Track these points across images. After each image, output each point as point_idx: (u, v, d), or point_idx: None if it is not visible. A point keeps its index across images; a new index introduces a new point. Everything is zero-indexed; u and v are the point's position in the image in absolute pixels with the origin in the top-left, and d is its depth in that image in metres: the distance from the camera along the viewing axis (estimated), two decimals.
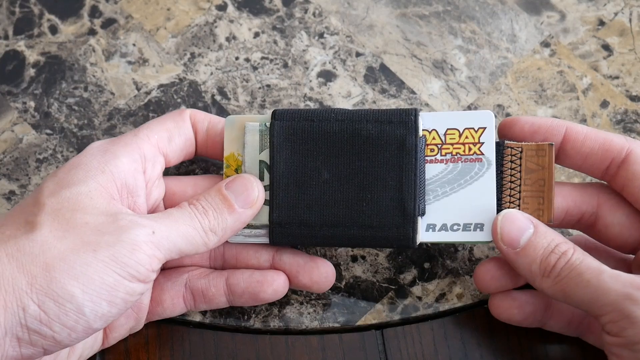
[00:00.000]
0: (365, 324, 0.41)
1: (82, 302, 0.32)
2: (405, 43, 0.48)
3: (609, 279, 0.34)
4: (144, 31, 0.49)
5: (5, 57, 0.48)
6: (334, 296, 0.41)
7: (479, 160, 0.38)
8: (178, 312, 0.40)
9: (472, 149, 0.38)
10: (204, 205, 0.36)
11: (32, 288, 0.31)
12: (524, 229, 0.36)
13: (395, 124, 0.38)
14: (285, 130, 0.38)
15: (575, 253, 0.35)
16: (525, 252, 0.36)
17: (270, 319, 0.41)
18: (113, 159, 0.36)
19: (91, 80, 0.47)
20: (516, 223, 0.36)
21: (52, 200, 0.34)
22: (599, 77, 0.47)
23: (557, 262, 0.35)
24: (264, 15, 0.49)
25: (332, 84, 0.47)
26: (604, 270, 0.34)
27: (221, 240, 0.37)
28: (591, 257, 0.35)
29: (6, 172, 0.45)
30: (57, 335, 0.32)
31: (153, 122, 0.39)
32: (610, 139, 0.37)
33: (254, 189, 0.38)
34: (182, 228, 0.35)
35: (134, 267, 0.33)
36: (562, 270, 0.35)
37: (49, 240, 0.32)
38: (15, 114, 0.46)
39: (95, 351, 0.39)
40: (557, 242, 0.36)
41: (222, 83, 0.47)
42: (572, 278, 0.35)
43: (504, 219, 0.37)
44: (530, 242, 0.36)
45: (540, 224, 0.37)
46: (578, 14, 0.49)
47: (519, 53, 0.48)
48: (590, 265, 0.35)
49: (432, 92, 0.47)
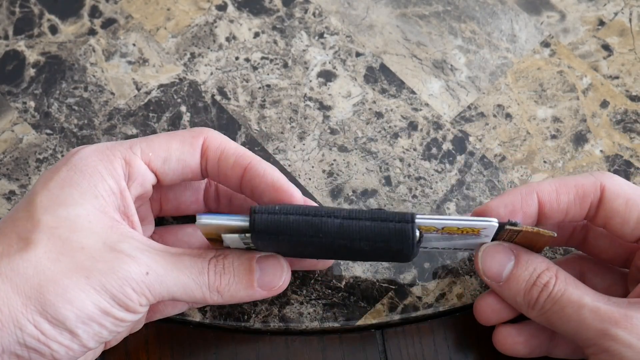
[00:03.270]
0: (365, 324, 0.41)
1: (75, 325, 0.32)
2: (405, 43, 0.48)
3: (589, 314, 0.34)
4: (144, 31, 0.49)
5: (5, 57, 0.48)
6: (334, 296, 0.41)
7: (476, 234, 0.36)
8: (178, 310, 0.40)
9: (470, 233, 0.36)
10: (226, 267, 0.35)
11: (27, 309, 0.31)
12: (505, 262, 0.37)
13: (391, 241, 0.34)
14: (269, 237, 0.34)
15: (557, 284, 0.35)
16: (508, 285, 0.36)
17: (270, 319, 0.41)
18: (101, 181, 0.34)
19: (91, 80, 0.47)
20: (496, 257, 0.37)
21: (48, 218, 0.33)
22: (599, 77, 0.47)
23: (539, 295, 0.35)
24: (264, 15, 0.49)
25: (332, 84, 0.47)
26: (584, 304, 0.34)
27: (224, 303, 0.36)
28: (573, 286, 0.35)
29: (6, 172, 0.45)
30: (55, 354, 0.32)
31: (161, 137, 0.37)
32: (581, 184, 0.36)
33: (281, 277, 0.37)
34: (183, 279, 0.34)
35: (121, 300, 0.33)
36: (546, 303, 0.35)
37: (42, 261, 0.32)
38: (15, 114, 0.46)
39: (98, 354, 0.39)
40: (539, 271, 0.36)
41: (222, 83, 0.47)
42: (555, 312, 0.35)
43: (484, 254, 0.37)
44: (512, 275, 0.36)
45: (522, 254, 0.37)
46: (578, 14, 0.49)
47: (519, 53, 0.48)
48: (571, 299, 0.35)
49: (432, 92, 0.47)
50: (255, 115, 0.46)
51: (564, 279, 0.36)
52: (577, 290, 0.35)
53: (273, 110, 0.46)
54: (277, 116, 0.46)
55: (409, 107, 0.46)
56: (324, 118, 0.46)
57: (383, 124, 0.46)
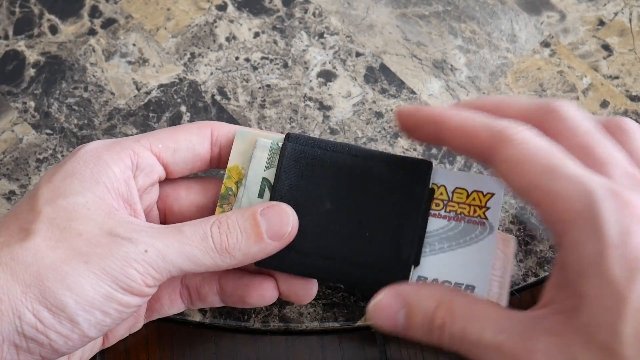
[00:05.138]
0: (365, 324, 0.41)
1: (75, 312, 0.32)
2: (405, 43, 0.48)
3: (494, 354, 0.31)
4: (144, 31, 0.49)
5: (5, 57, 0.48)
6: (334, 296, 0.41)
7: (482, 224, 0.37)
8: (176, 309, 0.39)
9: (477, 211, 0.37)
10: (231, 225, 0.35)
11: (26, 297, 0.31)
12: (395, 314, 0.33)
13: (407, 172, 0.37)
14: (297, 153, 0.38)
15: (454, 324, 0.32)
16: (408, 333, 0.34)
17: (270, 319, 0.41)
18: (105, 169, 0.35)
19: (91, 80, 0.47)
20: (385, 311, 0.34)
21: (48, 209, 0.33)
22: (599, 77, 0.47)
23: (440, 339, 0.32)
24: (264, 15, 0.49)
25: (332, 84, 0.47)
26: (486, 344, 0.31)
27: (239, 264, 0.35)
28: (472, 319, 0.32)
29: (6, 172, 0.45)
30: (54, 343, 0.32)
31: (167, 130, 0.38)
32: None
33: (288, 224, 0.36)
34: (186, 249, 0.34)
35: (125, 282, 0.32)
36: (451, 345, 0.32)
37: (41, 249, 0.32)
38: (15, 114, 0.46)
39: (95, 352, 0.39)
40: (430, 312, 0.33)
41: (222, 83, 0.47)
42: (466, 352, 0.32)
43: (373, 313, 0.34)
44: (407, 325, 0.33)
45: (411, 296, 0.33)
46: (578, 14, 0.49)
47: (519, 53, 0.48)
48: (472, 340, 0.31)
49: (432, 92, 0.47)
50: (255, 115, 0.46)
51: (460, 313, 0.32)
52: (477, 325, 0.31)
53: (273, 110, 0.46)
54: (277, 116, 0.46)
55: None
56: (324, 118, 0.46)
57: (383, 124, 0.46)
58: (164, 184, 0.39)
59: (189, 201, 0.39)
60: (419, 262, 0.37)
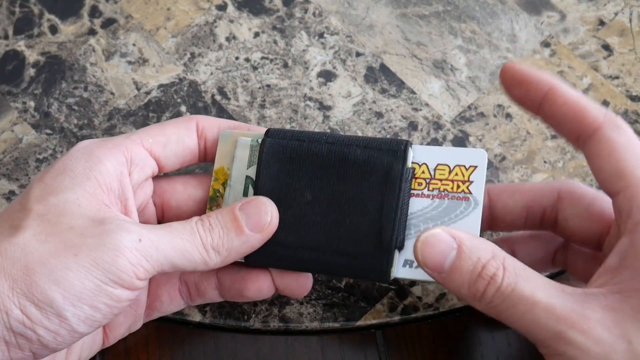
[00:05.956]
0: (365, 324, 0.41)
1: (63, 307, 0.31)
2: (405, 43, 0.48)
3: (543, 313, 0.31)
4: (144, 31, 0.49)
5: (5, 57, 0.48)
6: (334, 296, 0.41)
7: (466, 199, 0.36)
8: (176, 306, 0.39)
9: (460, 186, 0.36)
10: (212, 222, 0.35)
11: (13, 292, 0.31)
12: (446, 252, 0.33)
13: (384, 152, 0.36)
14: (275, 148, 0.38)
15: (505, 277, 0.32)
16: (451, 277, 0.33)
17: (270, 319, 0.41)
18: (97, 164, 0.35)
19: (91, 80, 0.47)
20: (437, 246, 0.33)
21: (39, 206, 0.33)
22: (599, 77, 0.47)
23: (486, 289, 0.32)
24: (264, 15, 0.49)
25: (332, 83, 0.47)
26: (537, 301, 0.31)
27: (225, 261, 0.35)
28: (524, 278, 0.32)
29: (6, 172, 0.45)
30: (42, 339, 0.32)
31: (154, 126, 0.38)
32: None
33: (267, 214, 0.36)
34: (177, 241, 0.34)
35: (115, 274, 0.32)
36: (494, 298, 0.32)
37: (30, 243, 0.32)
38: (15, 114, 0.46)
39: (95, 352, 0.38)
40: (484, 261, 0.32)
41: (222, 83, 0.47)
42: (505, 308, 0.32)
43: (423, 244, 0.33)
44: (455, 266, 0.33)
45: (465, 240, 0.33)
46: (578, 14, 0.49)
47: (519, 53, 0.48)
48: (522, 295, 0.31)
49: (432, 92, 0.47)
50: (255, 115, 0.46)
51: (512, 270, 0.32)
52: (529, 284, 0.32)
53: (273, 110, 0.46)
54: (277, 116, 0.46)
55: (409, 107, 0.46)
56: (324, 118, 0.46)
57: (383, 124, 0.46)
58: (160, 179, 0.39)
59: (187, 195, 0.39)
60: (402, 245, 0.36)
